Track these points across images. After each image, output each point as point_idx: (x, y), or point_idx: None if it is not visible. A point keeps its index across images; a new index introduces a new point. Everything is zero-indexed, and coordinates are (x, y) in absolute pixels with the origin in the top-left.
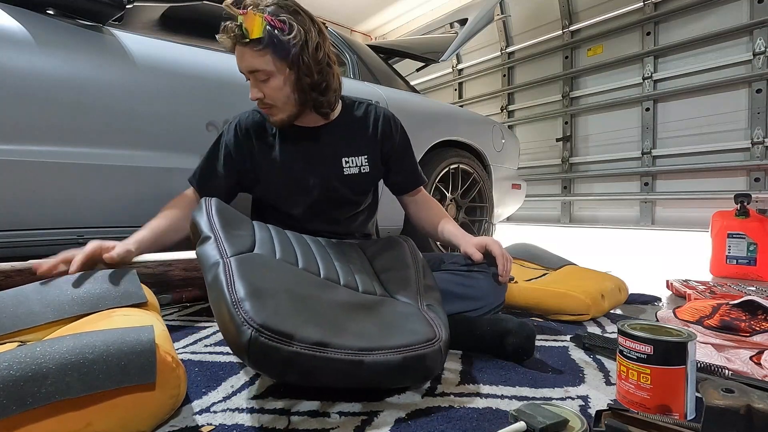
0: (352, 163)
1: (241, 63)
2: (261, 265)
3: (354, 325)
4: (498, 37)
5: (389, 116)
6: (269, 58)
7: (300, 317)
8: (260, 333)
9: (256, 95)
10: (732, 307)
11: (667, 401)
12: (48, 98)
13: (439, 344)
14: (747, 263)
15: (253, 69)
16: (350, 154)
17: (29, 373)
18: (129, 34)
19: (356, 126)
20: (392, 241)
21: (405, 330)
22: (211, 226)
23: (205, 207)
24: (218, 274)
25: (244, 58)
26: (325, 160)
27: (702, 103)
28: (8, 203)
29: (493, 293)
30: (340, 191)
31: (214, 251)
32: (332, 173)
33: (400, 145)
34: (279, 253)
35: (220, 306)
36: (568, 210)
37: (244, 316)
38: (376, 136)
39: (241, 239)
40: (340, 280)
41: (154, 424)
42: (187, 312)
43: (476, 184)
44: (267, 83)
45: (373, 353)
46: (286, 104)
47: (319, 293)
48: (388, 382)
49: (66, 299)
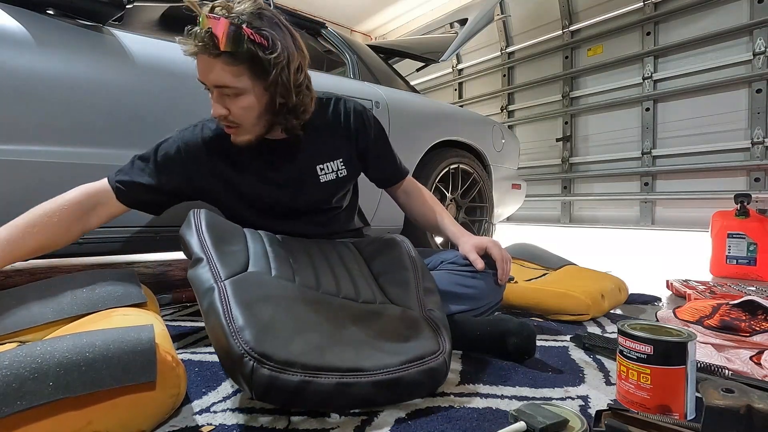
0: (328, 169)
1: (207, 75)
2: (257, 287)
3: (355, 342)
4: (498, 37)
5: (360, 110)
6: (244, 77)
7: (300, 340)
8: (262, 363)
9: (220, 112)
10: (732, 307)
11: (667, 401)
12: (48, 98)
13: (443, 356)
14: (747, 263)
15: (221, 84)
16: (324, 160)
17: (29, 372)
18: (129, 34)
19: (327, 128)
20: (389, 242)
21: (409, 343)
22: (202, 246)
23: (195, 222)
24: (214, 302)
25: (213, 71)
26: (298, 172)
27: (702, 103)
28: (8, 203)
29: (493, 293)
30: (318, 200)
31: (207, 274)
32: (307, 184)
33: (375, 139)
34: (275, 269)
35: (218, 335)
36: (568, 210)
37: (245, 347)
38: (349, 134)
39: (234, 257)
40: (338, 292)
41: (155, 423)
42: (187, 312)
43: (476, 184)
44: (235, 101)
45: (376, 373)
46: (254, 126)
47: (318, 311)
48: (395, 399)
49: (65, 299)
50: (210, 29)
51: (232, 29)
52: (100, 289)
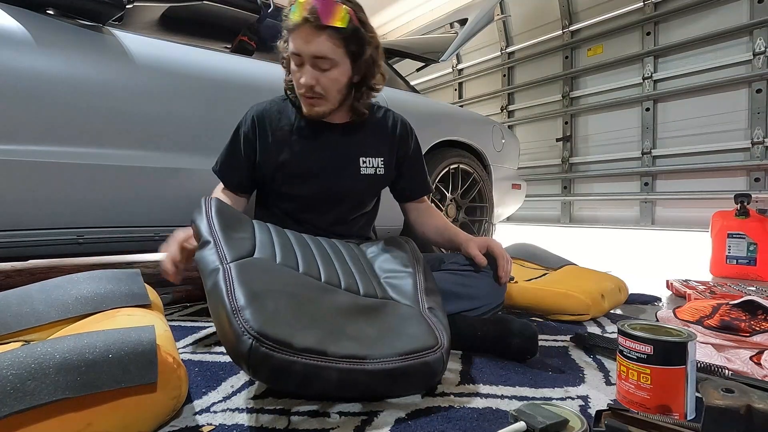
0: (369, 164)
1: (307, 46)
2: (261, 271)
3: (355, 332)
4: (498, 37)
5: (406, 122)
6: (341, 50)
7: (300, 325)
8: (260, 342)
9: (310, 81)
10: (732, 307)
11: (667, 401)
12: (48, 98)
13: (441, 351)
14: (747, 263)
15: (320, 55)
16: (368, 155)
17: (30, 373)
18: (129, 34)
19: (376, 128)
20: (393, 242)
21: (407, 336)
22: (211, 230)
23: (205, 208)
24: (218, 281)
25: (314, 42)
26: (343, 157)
27: (702, 103)
28: (8, 203)
29: (493, 293)
30: (352, 189)
31: (213, 256)
32: (349, 171)
33: (414, 152)
34: (279, 257)
35: (220, 314)
36: (568, 210)
37: (245, 325)
38: (394, 140)
39: (241, 242)
40: (341, 284)
41: (156, 424)
42: (187, 312)
43: (476, 184)
44: (326, 72)
45: (374, 361)
46: (335, 97)
47: (319, 299)
48: (389, 391)
49: (70, 299)
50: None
51: (343, 7)
52: (104, 289)
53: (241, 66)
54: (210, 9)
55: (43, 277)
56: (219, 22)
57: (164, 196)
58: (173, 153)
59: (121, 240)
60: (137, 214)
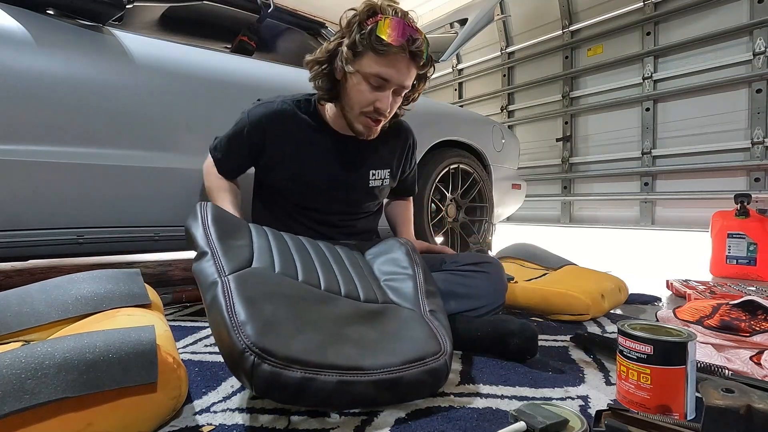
0: (378, 176)
1: (404, 77)
2: (260, 283)
3: (356, 340)
4: (498, 37)
5: (412, 131)
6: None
7: (302, 337)
8: (263, 359)
9: (389, 108)
10: (732, 307)
11: (667, 401)
12: (48, 98)
13: (444, 358)
14: (747, 263)
15: (408, 86)
16: (377, 167)
17: (29, 373)
18: (129, 34)
19: (387, 140)
20: (392, 244)
21: (409, 340)
22: (208, 240)
23: (201, 215)
24: (217, 296)
25: (409, 75)
26: (355, 171)
27: (702, 103)
28: (8, 203)
29: (494, 293)
30: (360, 200)
31: (211, 268)
32: (358, 183)
33: (414, 158)
34: (278, 265)
35: (221, 330)
36: (568, 210)
37: (246, 342)
38: (403, 150)
39: (238, 251)
40: (341, 290)
41: (156, 425)
42: (187, 312)
43: (476, 184)
44: (397, 98)
45: (377, 372)
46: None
47: (320, 309)
48: (395, 399)
49: (70, 299)
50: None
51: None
52: (104, 289)
53: (241, 66)
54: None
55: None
56: (219, 22)
57: (164, 196)
58: (173, 153)
59: (121, 240)
60: (137, 214)
